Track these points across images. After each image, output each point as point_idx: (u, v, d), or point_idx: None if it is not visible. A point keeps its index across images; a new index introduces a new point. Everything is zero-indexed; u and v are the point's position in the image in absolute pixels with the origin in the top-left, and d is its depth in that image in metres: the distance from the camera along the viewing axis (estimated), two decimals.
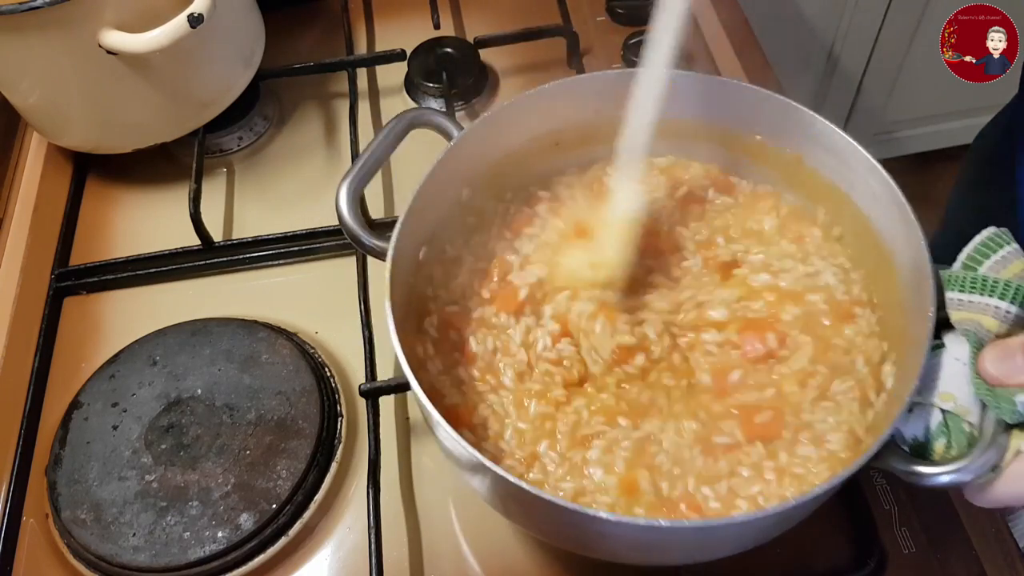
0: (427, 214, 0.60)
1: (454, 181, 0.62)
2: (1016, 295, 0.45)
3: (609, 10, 0.95)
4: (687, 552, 0.52)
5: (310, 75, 0.91)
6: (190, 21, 0.69)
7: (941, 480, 0.44)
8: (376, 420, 0.65)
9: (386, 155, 0.60)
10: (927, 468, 0.45)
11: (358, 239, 0.57)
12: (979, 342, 0.46)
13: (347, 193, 0.57)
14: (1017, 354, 0.43)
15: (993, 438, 0.43)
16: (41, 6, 0.66)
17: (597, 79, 0.63)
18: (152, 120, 0.80)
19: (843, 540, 0.60)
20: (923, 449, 0.47)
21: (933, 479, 0.44)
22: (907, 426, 0.48)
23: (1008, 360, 0.43)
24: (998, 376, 0.43)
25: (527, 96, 0.62)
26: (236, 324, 0.71)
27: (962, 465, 0.43)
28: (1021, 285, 0.45)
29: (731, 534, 0.48)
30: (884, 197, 0.55)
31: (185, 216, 0.76)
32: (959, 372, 0.47)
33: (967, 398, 0.46)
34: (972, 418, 0.46)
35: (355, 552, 0.62)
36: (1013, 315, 0.45)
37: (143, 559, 0.59)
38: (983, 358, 0.45)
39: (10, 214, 0.84)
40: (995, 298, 0.46)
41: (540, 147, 0.65)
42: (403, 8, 0.99)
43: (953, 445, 0.46)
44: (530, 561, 0.61)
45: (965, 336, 0.47)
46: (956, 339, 0.48)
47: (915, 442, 0.47)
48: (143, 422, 0.65)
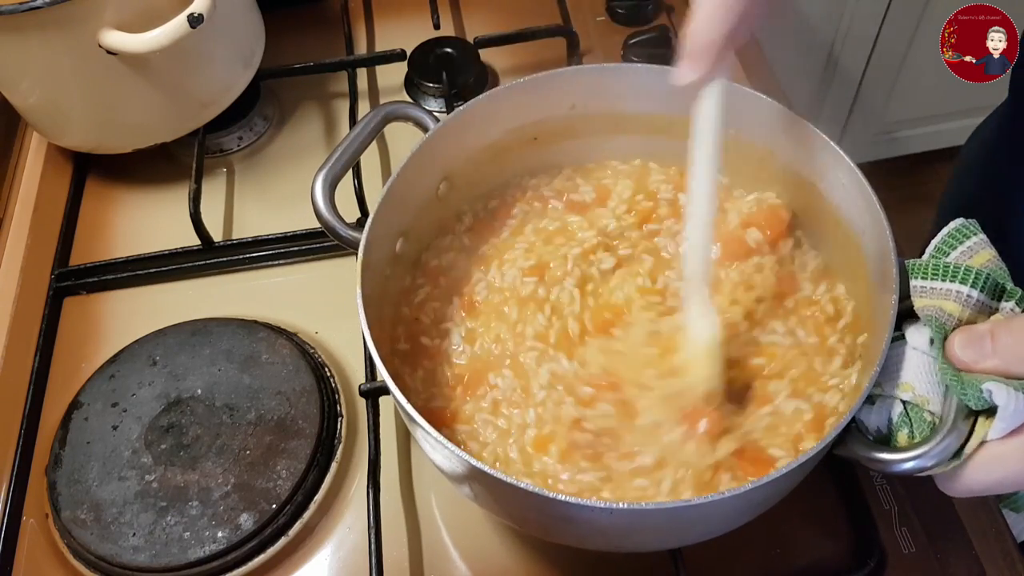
0: (404, 206, 0.60)
1: (431, 174, 0.63)
2: (977, 280, 0.45)
3: (609, 10, 0.95)
4: (658, 537, 0.53)
5: (310, 75, 0.91)
6: (190, 21, 0.69)
7: (904, 467, 0.44)
8: (376, 420, 0.65)
9: (362, 148, 0.61)
10: (889, 455, 0.45)
11: (333, 230, 0.57)
12: (941, 327, 0.46)
13: (322, 185, 0.58)
14: (985, 339, 0.43)
15: (954, 424, 0.43)
16: (41, 6, 0.66)
17: (570, 74, 0.64)
18: (152, 120, 0.80)
19: (843, 540, 0.60)
20: (888, 440, 0.47)
21: (895, 466, 0.44)
22: (870, 418, 0.48)
23: (976, 345, 0.43)
24: (966, 361, 0.43)
25: (502, 90, 0.63)
26: (236, 324, 0.71)
27: (922, 451, 0.43)
28: (982, 271, 0.46)
29: (691, 517, 0.48)
30: (852, 188, 0.56)
31: (185, 216, 0.76)
32: (918, 362, 0.47)
33: (926, 387, 0.46)
34: (933, 407, 0.46)
35: (355, 552, 0.62)
36: (975, 300, 0.45)
37: (143, 559, 0.59)
38: (951, 343, 0.44)
39: (10, 214, 0.84)
40: (956, 283, 0.46)
41: (518, 141, 0.66)
42: (403, 8, 0.99)
43: (916, 435, 0.46)
44: (530, 561, 0.61)
45: (927, 323, 0.46)
46: (917, 330, 0.48)
47: (879, 434, 0.48)
48: (143, 422, 0.65)
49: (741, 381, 0.56)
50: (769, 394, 0.55)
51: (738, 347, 0.57)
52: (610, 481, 0.52)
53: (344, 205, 0.59)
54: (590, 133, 0.66)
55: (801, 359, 0.56)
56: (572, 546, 0.54)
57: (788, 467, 0.44)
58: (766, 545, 0.60)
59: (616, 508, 0.44)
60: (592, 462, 0.53)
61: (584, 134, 0.66)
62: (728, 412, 0.54)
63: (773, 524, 0.60)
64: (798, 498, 0.61)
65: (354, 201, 0.77)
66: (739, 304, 0.58)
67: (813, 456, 0.45)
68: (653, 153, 0.67)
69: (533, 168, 0.68)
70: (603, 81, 0.63)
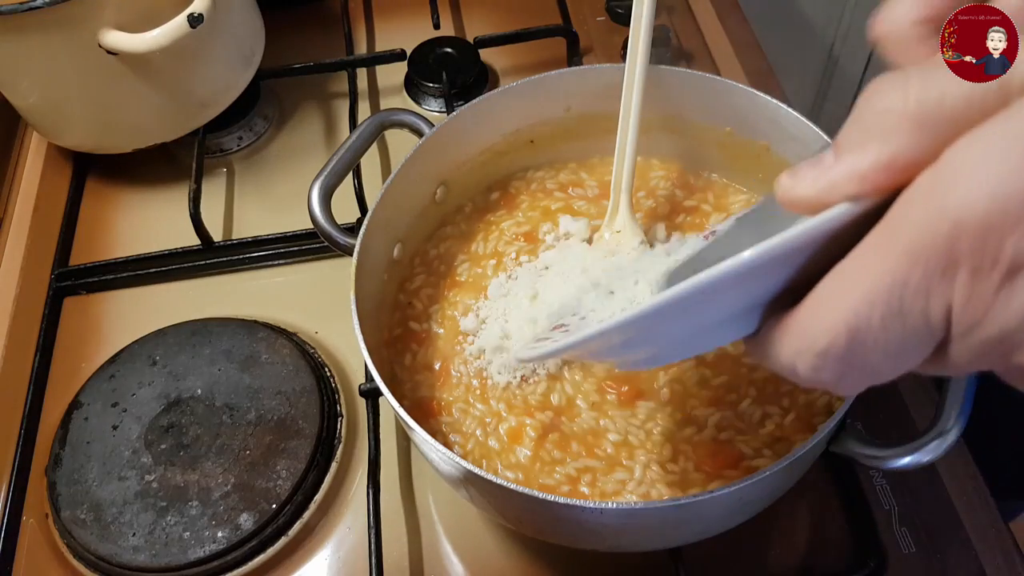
0: (400, 213, 0.61)
1: (427, 180, 0.63)
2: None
3: (609, 10, 0.95)
4: (652, 537, 0.53)
5: (310, 75, 0.91)
6: (190, 21, 0.69)
7: (900, 462, 0.44)
8: (376, 420, 0.65)
9: (358, 156, 0.62)
10: (884, 451, 0.45)
11: (330, 237, 0.58)
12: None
13: (318, 193, 0.59)
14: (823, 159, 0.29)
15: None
16: (41, 6, 0.66)
17: (564, 76, 0.64)
18: (152, 120, 0.80)
19: (843, 540, 0.60)
20: None
21: (891, 462, 0.44)
22: None
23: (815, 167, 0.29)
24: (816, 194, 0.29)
25: (497, 94, 0.63)
26: (236, 324, 0.71)
27: (919, 447, 0.43)
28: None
29: (682, 517, 0.48)
30: None
31: (185, 216, 0.76)
32: None
33: None
34: None
35: (355, 552, 0.62)
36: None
37: (143, 559, 0.59)
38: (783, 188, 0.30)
39: (10, 214, 0.84)
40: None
41: (515, 144, 0.67)
42: (403, 8, 0.99)
43: None
44: (529, 561, 0.61)
45: None
46: None
47: None
48: (143, 422, 0.65)
49: (728, 384, 0.56)
50: (752, 396, 0.55)
51: (734, 346, 0.57)
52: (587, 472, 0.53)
53: (345, 205, 0.59)
54: (588, 134, 0.67)
55: None
56: (568, 546, 0.54)
57: (777, 465, 0.44)
58: (766, 545, 0.60)
59: (607, 508, 0.44)
60: (563, 450, 0.54)
61: (582, 135, 0.67)
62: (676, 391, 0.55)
63: (772, 524, 0.60)
64: (797, 498, 0.61)
65: (354, 201, 0.77)
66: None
67: (803, 455, 0.45)
68: (654, 151, 0.67)
69: (538, 164, 0.69)
70: (599, 81, 0.63)
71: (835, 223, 0.28)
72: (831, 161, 0.29)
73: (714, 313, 0.32)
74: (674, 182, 0.67)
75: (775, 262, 0.29)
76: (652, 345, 0.36)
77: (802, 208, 0.29)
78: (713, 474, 0.52)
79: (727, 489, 0.43)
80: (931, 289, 0.25)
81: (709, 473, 0.52)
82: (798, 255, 0.29)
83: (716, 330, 0.34)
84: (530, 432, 0.55)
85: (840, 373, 0.29)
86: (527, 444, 0.54)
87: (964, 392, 0.44)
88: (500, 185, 0.68)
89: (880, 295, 0.26)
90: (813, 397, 0.55)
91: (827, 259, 0.29)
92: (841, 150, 0.28)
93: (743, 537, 0.55)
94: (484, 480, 0.45)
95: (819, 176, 0.29)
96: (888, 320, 0.26)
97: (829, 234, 0.28)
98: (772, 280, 0.31)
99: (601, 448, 0.54)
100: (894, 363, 0.28)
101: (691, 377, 0.56)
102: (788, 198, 0.30)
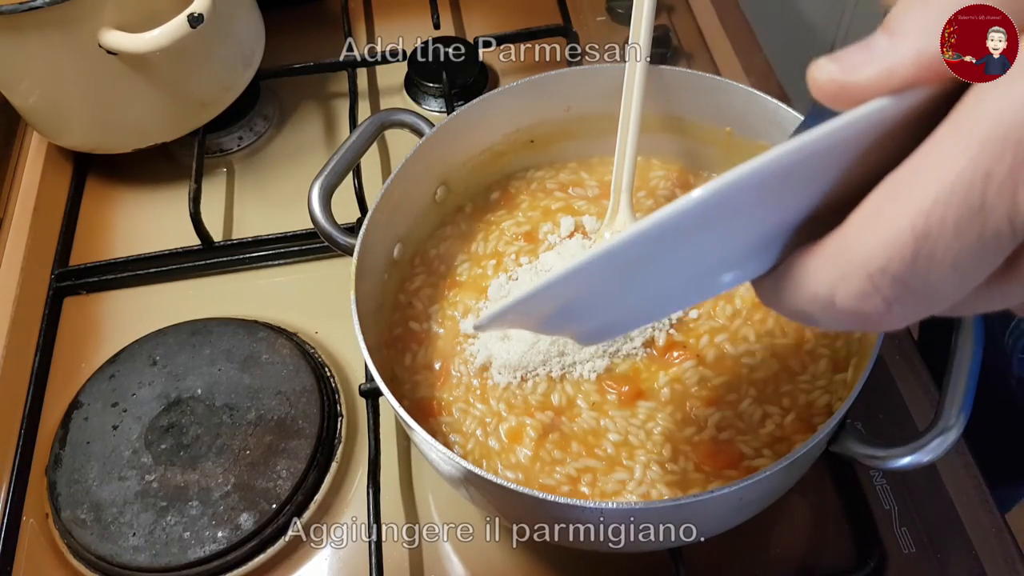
0: (400, 213, 0.61)
1: (427, 180, 0.63)
2: None
3: (609, 10, 0.95)
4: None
5: (310, 75, 0.91)
6: (190, 21, 0.69)
7: (900, 463, 0.43)
8: (376, 420, 0.65)
9: (358, 156, 0.62)
10: (885, 452, 0.44)
11: (331, 237, 0.58)
12: None
13: (318, 194, 0.59)
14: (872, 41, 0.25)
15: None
16: (41, 6, 0.66)
17: (564, 76, 0.64)
18: (152, 120, 0.80)
19: (843, 540, 0.60)
20: None
21: (891, 462, 0.44)
22: None
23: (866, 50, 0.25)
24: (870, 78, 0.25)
25: (497, 94, 0.63)
26: (236, 324, 0.71)
27: (918, 447, 0.43)
28: None
29: (682, 517, 0.48)
30: None
31: (185, 216, 0.76)
32: None
33: None
34: None
35: (355, 552, 0.62)
36: None
37: (143, 559, 0.59)
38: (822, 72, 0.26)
39: (10, 214, 0.84)
40: None
41: (515, 144, 0.67)
42: (403, 8, 0.99)
43: None
44: (528, 561, 0.61)
45: None
46: None
47: None
48: (143, 422, 0.65)
49: (728, 384, 0.56)
50: (752, 396, 0.55)
51: (735, 345, 0.57)
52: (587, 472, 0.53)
53: (345, 205, 0.59)
54: (588, 134, 0.67)
55: (775, 361, 0.56)
56: (568, 546, 0.54)
57: (777, 465, 0.44)
58: (766, 545, 0.60)
59: (607, 508, 0.44)
60: (563, 450, 0.54)
61: (582, 135, 0.67)
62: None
63: (773, 524, 0.60)
64: (798, 498, 0.61)
65: (354, 201, 0.77)
66: (730, 303, 0.59)
67: (803, 455, 0.45)
68: (654, 150, 0.67)
69: (538, 163, 0.69)
70: (599, 81, 0.63)
71: (890, 112, 0.23)
72: (886, 43, 0.24)
73: (716, 246, 0.28)
74: (674, 182, 0.67)
75: (804, 168, 0.24)
76: (635, 293, 0.31)
77: (847, 98, 0.25)
78: (713, 474, 0.52)
79: (727, 489, 0.43)
80: (1020, 181, 0.21)
81: (709, 473, 0.52)
82: (837, 158, 0.24)
83: (717, 271, 0.29)
84: (530, 432, 0.55)
85: (894, 297, 0.24)
86: (527, 444, 0.54)
87: (964, 392, 0.44)
88: (500, 185, 0.68)
89: (958, 191, 0.22)
90: (813, 397, 0.55)
91: (865, 175, 0.24)
92: (898, 32, 0.24)
93: (743, 537, 0.55)
94: (484, 480, 0.45)
95: (874, 59, 0.24)
96: (965, 222, 0.22)
97: (878, 131, 0.24)
98: (798, 198, 0.26)
99: (601, 448, 0.54)
100: (959, 280, 0.23)
101: (691, 377, 0.56)
102: (832, 84, 0.25)
